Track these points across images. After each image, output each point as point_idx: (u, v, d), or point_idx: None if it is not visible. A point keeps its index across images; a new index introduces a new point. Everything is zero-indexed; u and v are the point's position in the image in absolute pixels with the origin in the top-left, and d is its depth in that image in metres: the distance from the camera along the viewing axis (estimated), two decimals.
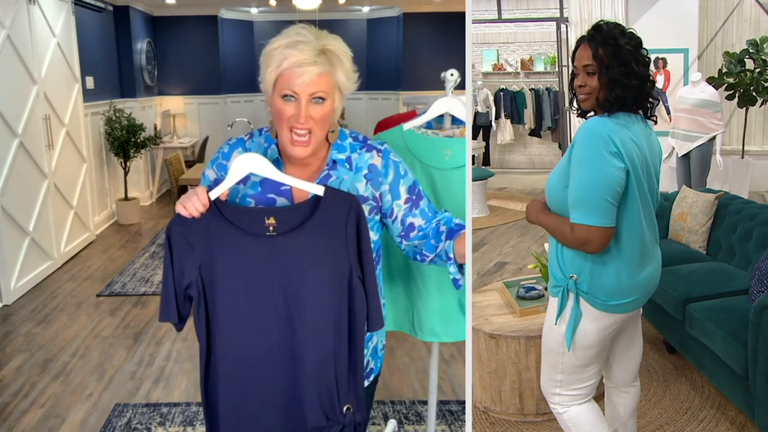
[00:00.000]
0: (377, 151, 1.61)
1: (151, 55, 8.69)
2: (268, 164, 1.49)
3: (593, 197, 1.77)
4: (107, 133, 6.85)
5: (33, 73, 5.24)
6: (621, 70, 1.82)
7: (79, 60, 6.32)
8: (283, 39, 1.47)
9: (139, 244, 6.32)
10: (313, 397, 1.48)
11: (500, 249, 5.53)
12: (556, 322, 1.99)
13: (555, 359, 2.05)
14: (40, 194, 5.31)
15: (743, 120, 6.79)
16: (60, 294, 4.95)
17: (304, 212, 1.47)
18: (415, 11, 9.37)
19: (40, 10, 5.43)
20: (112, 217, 7.22)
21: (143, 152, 7.15)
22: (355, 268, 1.47)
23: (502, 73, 9.45)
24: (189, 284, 1.47)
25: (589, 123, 1.83)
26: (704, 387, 3.16)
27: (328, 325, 1.47)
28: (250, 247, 1.45)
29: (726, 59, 6.43)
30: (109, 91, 7.42)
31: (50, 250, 5.42)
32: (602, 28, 1.87)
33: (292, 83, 1.44)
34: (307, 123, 1.47)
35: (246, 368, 1.48)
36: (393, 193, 1.61)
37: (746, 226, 3.57)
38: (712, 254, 3.77)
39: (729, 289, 3.17)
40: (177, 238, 1.47)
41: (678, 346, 3.22)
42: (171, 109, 9.31)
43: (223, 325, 1.47)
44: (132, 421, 3.11)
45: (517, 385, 2.91)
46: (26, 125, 5.07)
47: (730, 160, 6.71)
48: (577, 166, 1.80)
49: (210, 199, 1.46)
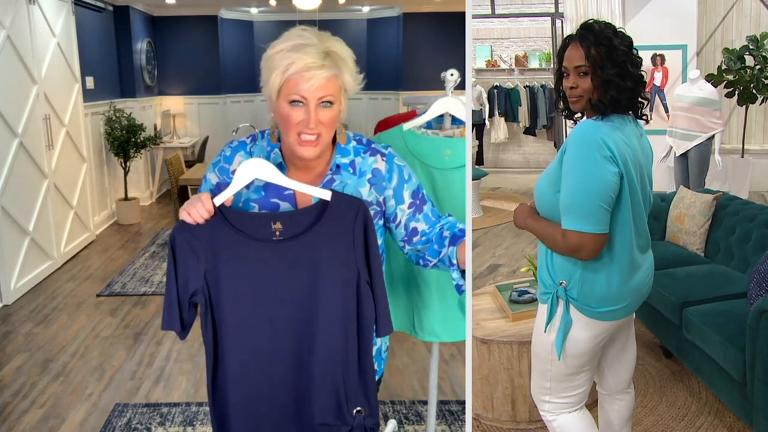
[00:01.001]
0: (381, 155, 1.59)
1: (151, 55, 8.69)
2: (273, 169, 1.47)
3: (587, 203, 1.72)
4: (107, 133, 6.85)
5: (33, 73, 5.24)
6: (616, 71, 1.76)
7: (79, 60, 6.32)
8: (285, 42, 1.44)
9: (139, 244, 6.31)
10: (321, 396, 1.47)
11: (493, 251, 5.42)
12: (545, 330, 1.94)
13: (544, 367, 2.00)
14: (40, 194, 5.31)
15: (743, 118, 6.70)
16: (60, 294, 4.95)
17: (311, 217, 1.45)
18: (415, 11, 9.37)
19: (40, 10, 5.43)
20: (112, 217, 7.22)
21: (143, 152, 7.15)
22: (363, 273, 1.45)
23: (495, 69, 9.21)
24: (195, 292, 1.45)
25: (581, 126, 1.78)
26: (702, 393, 3.10)
27: (336, 330, 1.46)
28: (257, 253, 1.44)
29: (725, 56, 6.35)
30: (109, 91, 7.42)
31: (50, 250, 5.42)
32: (594, 27, 1.80)
33: (300, 88, 1.41)
34: (317, 128, 1.44)
35: (254, 374, 1.48)
36: (397, 198, 1.60)
37: (745, 227, 3.51)
38: (710, 256, 3.71)
39: (727, 292, 3.12)
40: (181, 246, 1.44)
41: (675, 350, 3.16)
42: (171, 109, 9.31)
43: (231, 331, 1.46)
44: (132, 421, 3.11)
45: (510, 392, 2.85)
46: (26, 125, 5.07)
47: (730, 159, 6.61)
48: (570, 170, 1.74)
49: (215, 205, 1.44)
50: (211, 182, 1.60)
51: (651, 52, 7.22)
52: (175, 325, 1.47)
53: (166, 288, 1.47)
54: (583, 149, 1.73)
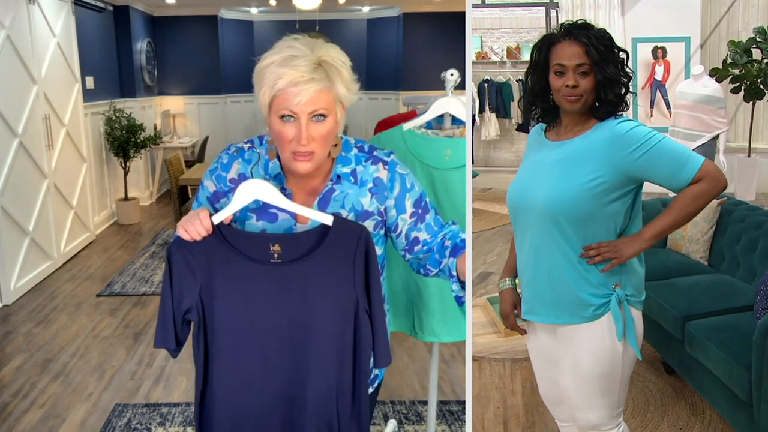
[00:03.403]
0: (383, 163, 1.55)
1: (151, 55, 8.68)
2: (274, 191, 1.43)
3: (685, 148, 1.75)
4: (107, 133, 6.85)
5: (33, 73, 5.24)
6: (614, 70, 1.73)
7: (79, 60, 6.32)
8: (275, 55, 1.39)
9: (139, 244, 6.31)
10: (313, 428, 1.44)
11: (484, 257, 5.11)
12: (620, 339, 1.78)
13: (612, 385, 1.85)
14: (40, 194, 5.31)
15: (750, 115, 6.33)
16: (60, 294, 4.94)
17: (311, 241, 1.41)
18: (415, 11, 9.36)
19: (40, 10, 5.43)
20: (112, 217, 7.22)
21: (143, 152, 7.15)
22: (362, 302, 1.42)
23: (486, 62, 8.55)
24: (189, 309, 1.42)
25: (626, 124, 1.74)
26: (705, 412, 2.95)
27: (331, 358, 1.42)
28: (253, 275, 1.40)
29: (731, 49, 6.00)
30: (109, 91, 7.42)
31: (50, 250, 5.42)
32: (587, 26, 1.75)
33: (289, 104, 1.37)
34: (309, 145, 1.40)
35: (244, 397, 1.44)
36: (398, 207, 1.56)
37: (751, 235, 3.31)
38: (714, 265, 3.53)
39: (732, 305, 2.96)
40: (178, 261, 1.41)
41: (677, 366, 3.02)
42: (171, 109, 9.31)
43: (222, 352, 1.43)
44: (132, 421, 3.11)
45: (502, 412, 2.67)
46: (26, 125, 5.07)
47: (736, 158, 6.29)
48: (656, 138, 1.72)
49: (213, 223, 1.41)
50: (208, 190, 1.56)
51: (651, 44, 6.79)
52: (170, 342, 1.43)
53: (161, 305, 1.43)
54: (645, 126, 1.74)
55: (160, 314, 1.43)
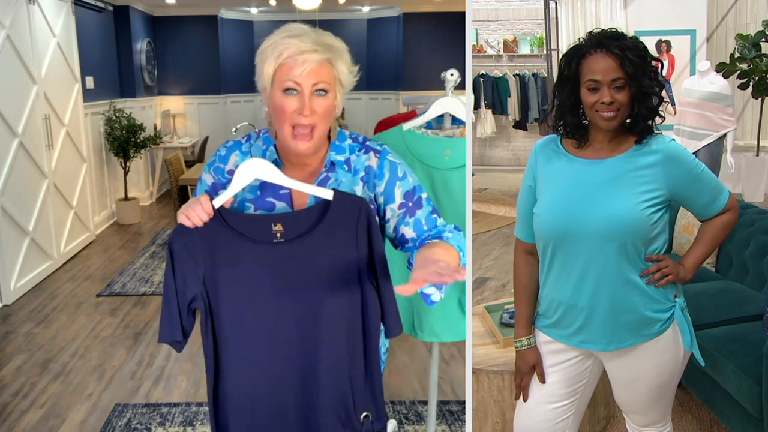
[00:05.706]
0: (375, 152, 1.55)
1: (151, 55, 8.69)
2: (273, 168, 1.43)
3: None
4: (107, 133, 6.85)
5: (33, 73, 5.24)
6: (649, 82, 1.64)
7: (79, 60, 6.32)
8: (278, 34, 1.44)
9: (139, 244, 6.31)
10: (328, 405, 1.44)
11: (481, 261, 4.90)
12: (689, 348, 1.81)
13: (669, 391, 1.89)
14: (40, 194, 5.31)
15: (758, 112, 6.04)
16: (60, 294, 4.95)
17: (313, 218, 1.41)
18: (415, 11, 9.36)
19: (40, 10, 5.43)
20: (112, 217, 7.23)
21: (143, 152, 7.15)
22: (368, 273, 1.41)
23: (481, 55, 8.25)
24: (194, 297, 1.41)
25: (677, 144, 1.74)
26: (713, 427, 2.84)
27: (341, 333, 1.42)
28: (257, 256, 1.40)
29: (739, 42, 5.71)
30: (109, 91, 7.42)
31: (50, 250, 5.42)
32: (619, 35, 1.65)
33: (293, 73, 1.40)
34: (311, 117, 1.41)
35: (257, 380, 1.44)
36: (387, 195, 1.54)
37: (761, 240, 3.19)
38: (722, 272, 3.42)
39: (741, 314, 2.86)
40: (179, 250, 1.40)
41: (684, 379, 2.81)
42: (171, 109, 9.31)
43: (231, 337, 1.43)
44: (132, 421, 3.11)
45: (500, 426, 2.57)
46: (26, 125, 5.07)
47: (744, 157, 6.02)
48: (700, 167, 1.74)
49: (214, 207, 1.41)
50: (206, 183, 1.57)
51: (655, 38, 6.53)
52: (176, 335, 1.41)
53: (164, 299, 1.40)
54: (690, 154, 1.77)
55: (163, 308, 1.42)
